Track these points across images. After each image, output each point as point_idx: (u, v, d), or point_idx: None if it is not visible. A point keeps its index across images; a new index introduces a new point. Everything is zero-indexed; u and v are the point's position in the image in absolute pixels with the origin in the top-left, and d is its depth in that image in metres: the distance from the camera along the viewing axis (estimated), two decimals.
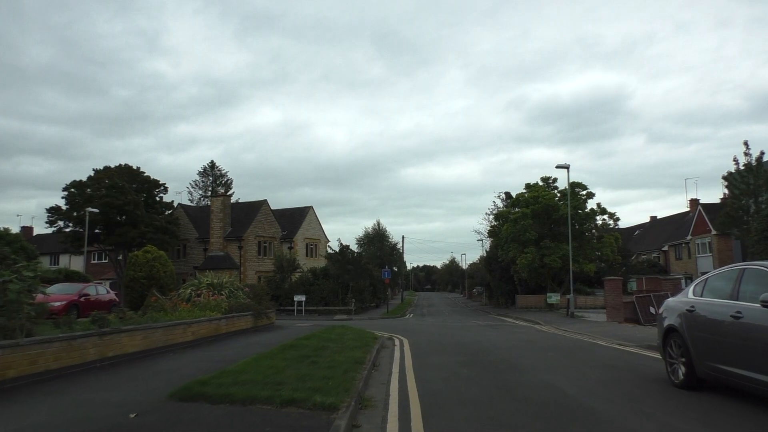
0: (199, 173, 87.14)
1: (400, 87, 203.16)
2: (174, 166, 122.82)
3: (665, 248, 61.92)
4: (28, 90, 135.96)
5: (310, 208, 57.32)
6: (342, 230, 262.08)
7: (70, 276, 32.20)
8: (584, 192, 37.56)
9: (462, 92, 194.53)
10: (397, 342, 17.68)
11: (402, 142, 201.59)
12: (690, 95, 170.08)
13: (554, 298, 38.03)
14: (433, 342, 17.76)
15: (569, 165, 31.12)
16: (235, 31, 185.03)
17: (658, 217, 73.05)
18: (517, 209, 38.95)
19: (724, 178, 24.50)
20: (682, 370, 8.38)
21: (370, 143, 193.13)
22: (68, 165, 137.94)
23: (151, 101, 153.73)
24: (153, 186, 51.12)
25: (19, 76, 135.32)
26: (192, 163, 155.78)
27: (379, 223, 79.89)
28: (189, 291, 22.41)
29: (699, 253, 51.61)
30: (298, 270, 41.90)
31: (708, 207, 51.22)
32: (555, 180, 39.75)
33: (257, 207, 52.69)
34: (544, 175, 40.09)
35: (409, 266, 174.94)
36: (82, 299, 22.47)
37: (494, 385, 9.16)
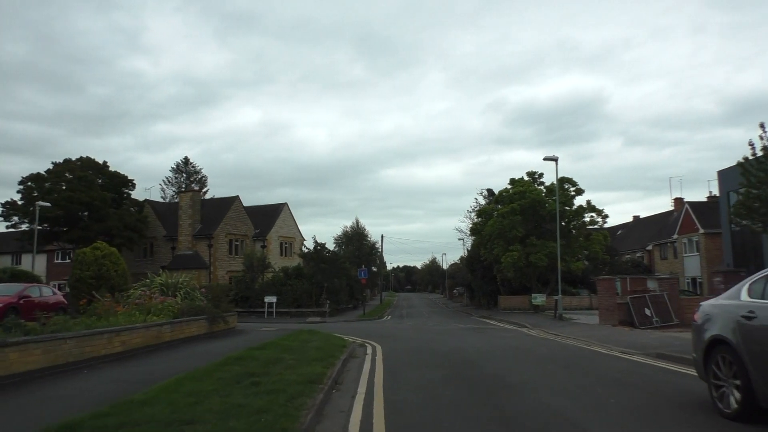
0: (173, 170, 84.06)
1: (382, 88, 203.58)
2: (153, 166, 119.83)
3: (649, 248, 60.60)
4: (4, 87, 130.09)
5: (285, 205, 54.83)
6: (322, 231, 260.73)
7: (16, 276, 29.42)
8: (573, 188, 35.72)
9: (443, 94, 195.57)
10: (369, 350, 15.49)
11: (383, 143, 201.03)
12: (666, 100, 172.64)
13: (539, 299, 36.13)
14: (410, 350, 15.60)
15: (558, 157, 29.24)
16: (216, 30, 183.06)
17: (641, 217, 71.86)
18: (500, 206, 36.96)
19: (740, 164, 22.48)
20: (735, 396, 6.32)
21: (351, 144, 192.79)
22: (45, 163, 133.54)
23: (129, 100, 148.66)
24: (119, 181, 48.28)
25: None
26: (171, 162, 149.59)
27: (357, 222, 77.32)
28: (138, 292, 20.01)
29: (686, 253, 50.24)
30: (270, 269, 39.49)
31: (695, 205, 49.90)
32: (541, 175, 37.97)
33: (229, 203, 50.12)
34: (530, 170, 38.25)
35: (389, 267, 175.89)
36: (21, 301, 19.91)
37: (487, 413, 7.03)
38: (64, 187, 42.65)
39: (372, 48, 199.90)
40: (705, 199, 53.54)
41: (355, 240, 74.43)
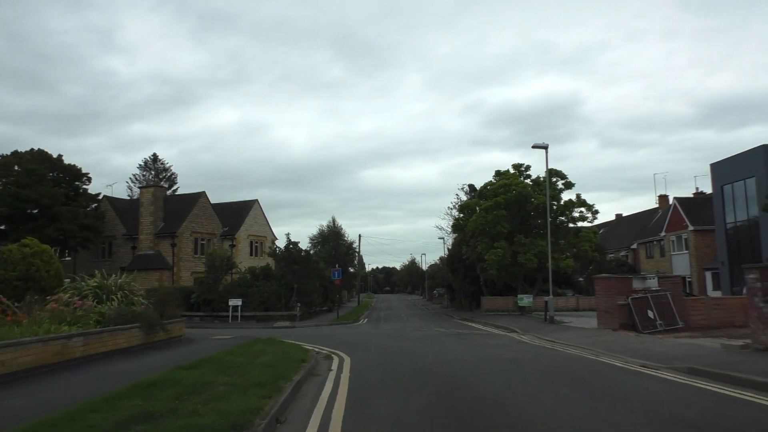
0: (140, 167, 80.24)
1: (360, 89, 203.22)
2: (128, 167, 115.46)
3: (634, 246, 58.76)
4: None
5: (255, 201, 51.70)
6: (301, 232, 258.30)
7: None
8: (561, 181, 33.34)
9: (421, 95, 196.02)
10: (335, 363, 12.74)
11: (362, 144, 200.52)
12: (640, 102, 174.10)
13: (526, 300, 33.69)
14: (385, 363, 12.90)
15: (547, 145, 26.77)
16: (192, 30, 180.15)
17: (623, 215, 70.13)
18: (483, 201, 34.38)
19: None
20: None
21: (330, 145, 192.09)
22: None
23: (104, 99, 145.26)
24: (74, 176, 44.74)
25: None
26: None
27: (334, 221, 74.35)
28: (67, 296, 16.97)
29: (674, 251, 48.31)
30: (235, 270, 36.45)
31: (684, 202, 48.03)
32: (528, 168, 35.51)
33: (194, 200, 46.88)
34: (515, 162, 35.82)
35: (368, 268, 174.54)
36: None
37: None
38: (10, 181, 39.09)
39: (350, 49, 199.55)
40: (691, 195, 51.89)
41: (332, 240, 71.54)
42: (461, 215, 37.14)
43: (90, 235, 40.92)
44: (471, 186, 47.68)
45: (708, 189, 46.48)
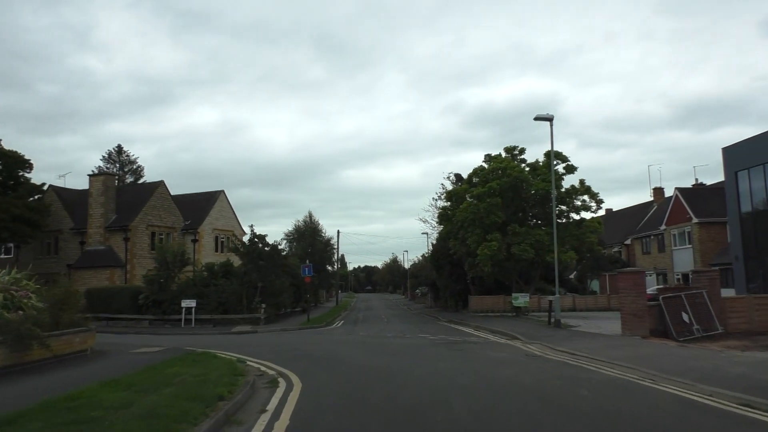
0: (104, 158, 74.75)
1: (341, 89, 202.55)
2: (105, 166, 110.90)
3: (628, 242, 55.30)
4: None
5: (221, 192, 47.03)
6: (281, 232, 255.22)
7: None
8: (562, 165, 29.34)
9: (401, 95, 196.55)
10: (276, 398, 8.52)
11: (343, 144, 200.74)
12: (617, 103, 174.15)
13: (522, 299, 29.69)
14: (349, 397, 8.71)
15: (553, 116, 22.78)
16: (170, 28, 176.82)
17: (614, 210, 66.65)
18: (473, 188, 30.25)
19: None
20: None
21: (310, 145, 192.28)
22: None
23: (80, 98, 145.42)
24: (15, 163, 39.79)
25: None
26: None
27: (310, 216, 69.79)
28: None
29: (676, 245, 44.79)
30: (189, 267, 31.84)
31: (687, 192, 44.55)
32: (522, 151, 31.41)
33: (151, 189, 42.18)
34: (508, 145, 31.85)
35: (350, 267, 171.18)
36: None
37: None
38: None
39: (331, 49, 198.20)
40: (691, 186, 48.53)
41: (308, 236, 67.06)
42: (448, 204, 32.96)
43: (26, 229, 36.08)
44: (457, 175, 43.62)
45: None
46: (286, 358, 13.67)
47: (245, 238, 33.52)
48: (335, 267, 74.36)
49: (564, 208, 29.73)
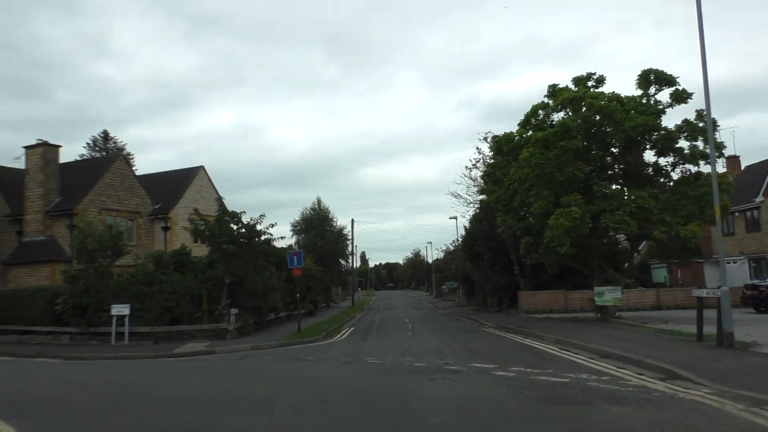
0: (88, 146, 66.51)
1: (355, 87, 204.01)
2: None
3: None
4: None
5: (201, 168, 37.71)
6: (288, 223, 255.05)
7: None
8: (668, 90, 19.57)
9: (415, 92, 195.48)
10: None
11: (359, 142, 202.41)
12: (634, 92, 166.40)
13: (611, 295, 19.90)
14: None
15: None
16: (184, 33, 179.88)
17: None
18: (534, 134, 20.52)
19: None
20: None
21: (327, 144, 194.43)
22: None
23: (99, 105, 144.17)
24: None
25: None
26: (144, 166, 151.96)
27: (319, 203, 60.28)
28: None
29: None
30: (126, 259, 22.42)
31: None
32: (601, 80, 21.60)
33: (105, 165, 33.18)
34: (577, 74, 22.02)
35: (370, 264, 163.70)
36: None
37: None
38: None
39: (343, 48, 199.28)
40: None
41: (317, 225, 57.68)
42: (496, 159, 23.07)
43: None
44: (496, 138, 33.84)
45: None
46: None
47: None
48: (351, 261, 64.82)
49: (671, 159, 19.91)
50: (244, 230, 23.13)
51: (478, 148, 36.64)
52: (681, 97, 19.44)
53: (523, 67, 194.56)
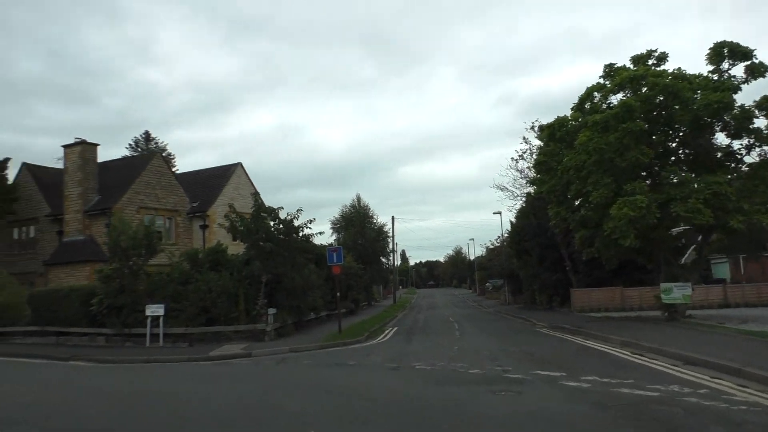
0: (130, 147, 67.37)
1: (393, 86, 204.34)
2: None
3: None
4: (21, 103, 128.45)
5: (238, 165, 37.04)
6: (328, 221, 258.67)
7: None
8: (742, 65, 17.66)
9: (453, 89, 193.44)
10: None
11: (398, 141, 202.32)
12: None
13: (680, 292, 18.10)
14: None
15: None
16: (225, 37, 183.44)
17: None
18: (590, 116, 18.82)
19: None
20: None
21: (366, 143, 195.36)
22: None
23: (143, 109, 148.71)
24: None
25: (12, 90, 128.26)
26: (186, 168, 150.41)
27: (359, 200, 59.26)
28: None
29: None
30: (160, 257, 21.67)
31: None
32: (664, 57, 19.71)
33: (143, 163, 32.83)
34: (635, 53, 20.19)
35: (411, 262, 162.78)
36: None
37: None
38: None
39: (380, 47, 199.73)
40: None
41: (357, 223, 56.69)
42: (548, 146, 21.39)
43: None
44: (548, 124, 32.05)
45: None
46: None
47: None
48: (392, 259, 63.58)
49: (746, 141, 17.95)
50: (281, 226, 22.12)
51: (524, 138, 34.78)
52: (759, 70, 17.44)
53: (563, 61, 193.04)
